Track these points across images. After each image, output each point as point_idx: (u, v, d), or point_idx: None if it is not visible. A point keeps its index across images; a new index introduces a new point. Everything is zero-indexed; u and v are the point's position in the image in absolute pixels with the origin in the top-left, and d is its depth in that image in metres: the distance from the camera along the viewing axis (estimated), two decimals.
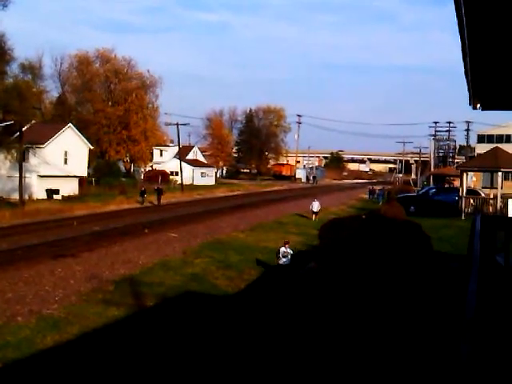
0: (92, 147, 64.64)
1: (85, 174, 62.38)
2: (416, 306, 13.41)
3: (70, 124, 61.50)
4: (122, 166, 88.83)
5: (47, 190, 54.16)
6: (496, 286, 8.52)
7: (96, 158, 75.76)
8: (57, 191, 54.55)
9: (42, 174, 54.44)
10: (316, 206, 43.40)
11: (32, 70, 51.24)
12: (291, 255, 22.44)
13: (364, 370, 11.04)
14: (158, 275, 22.41)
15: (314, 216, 42.61)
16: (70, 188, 55.72)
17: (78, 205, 46.97)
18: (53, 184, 54.69)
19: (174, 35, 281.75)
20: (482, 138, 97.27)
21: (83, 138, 62.14)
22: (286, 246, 22.59)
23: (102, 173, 71.52)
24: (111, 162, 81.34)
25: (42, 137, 56.03)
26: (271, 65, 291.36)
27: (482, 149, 78.51)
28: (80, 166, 60.15)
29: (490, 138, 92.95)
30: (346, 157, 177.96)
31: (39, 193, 53.67)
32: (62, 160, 58.46)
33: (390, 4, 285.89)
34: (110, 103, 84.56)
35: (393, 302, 13.44)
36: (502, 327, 6.41)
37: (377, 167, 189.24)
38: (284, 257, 22.16)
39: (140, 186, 56.24)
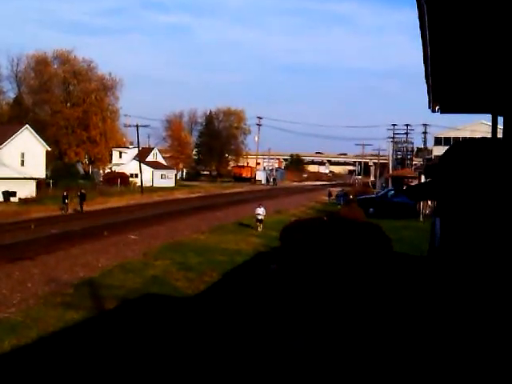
0: (50, 149, 63.73)
1: (42, 175, 61.49)
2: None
3: (26, 125, 60.58)
4: (80, 168, 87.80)
5: (3, 193, 53.24)
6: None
7: (54, 160, 74.74)
8: (13, 193, 53.64)
9: None
10: (261, 212, 35.92)
11: None
12: None
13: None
14: (118, 277, 22.17)
15: (258, 225, 35.87)
16: (27, 190, 54.78)
17: (36, 207, 46.23)
18: (9, 186, 53.75)
19: (134, 37, 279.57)
20: (438, 141, 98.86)
21: (40, 139, 61.27)
22: None
23: (60, 175, 70.56)
24: (69, 164, 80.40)
25: None
26: (231, 67, 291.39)
27: (439, 151, 79.81)
28: (37, 167, 59.28)
29: (446, 141, 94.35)
30: (306, 159, 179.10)
31: None
32: (19, 162, 57.57)
33: (348, 7, 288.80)
34: (68, 104, 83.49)
35: (353, 296, 13.68)
36: None
37: (336, 169, 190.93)
38: None
39: (62, 191, 49.41)
